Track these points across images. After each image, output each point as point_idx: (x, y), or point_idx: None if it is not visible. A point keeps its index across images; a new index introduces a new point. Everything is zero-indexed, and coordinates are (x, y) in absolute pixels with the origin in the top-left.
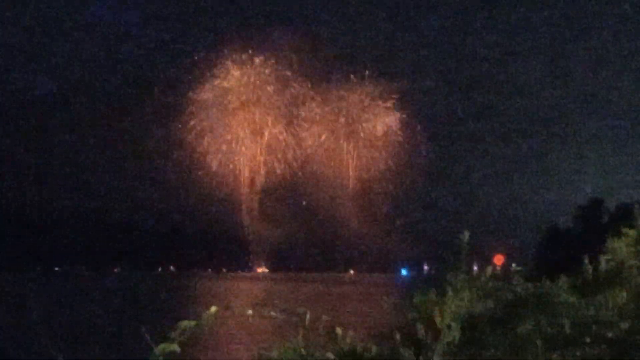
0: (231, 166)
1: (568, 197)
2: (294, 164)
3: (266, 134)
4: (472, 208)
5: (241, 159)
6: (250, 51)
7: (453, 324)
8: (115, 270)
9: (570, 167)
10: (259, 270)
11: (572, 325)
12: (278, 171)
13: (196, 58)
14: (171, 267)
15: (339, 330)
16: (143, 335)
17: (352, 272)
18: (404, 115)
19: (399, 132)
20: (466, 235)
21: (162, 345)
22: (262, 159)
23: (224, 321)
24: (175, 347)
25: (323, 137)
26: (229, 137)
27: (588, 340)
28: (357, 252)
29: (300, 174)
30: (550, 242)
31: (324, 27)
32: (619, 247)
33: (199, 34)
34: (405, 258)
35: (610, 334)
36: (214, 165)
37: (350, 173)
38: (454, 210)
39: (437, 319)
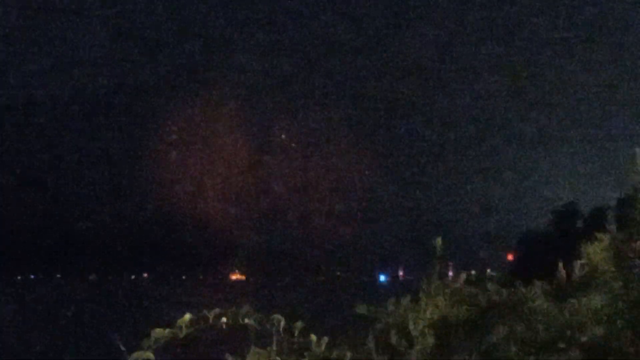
0: (203, 184)
1: (542, 201)
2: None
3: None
4: (447, 214)
5: (213, 179)
6: (218, 79)
7: (427, 330)
8: (91, 277)
9: (544, 171)
10: (234, 277)
11: (546, 330)
12: (250, 189)
13: (164, 85)
14: (144, 275)
15: (313, 336)
16: (117, 343)
17: (326, 277)
18: (374, 137)
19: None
20: (439, 241)
21: (135, 353)
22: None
23: (197, 329)
24: (150, 355)
25: (293, 161)
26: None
27: (562, 345)
28: (333, 259)
29: (274, 188)
30: (525, 247)
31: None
32: (593, 251)
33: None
34: (381, 264)
35: (584, 339)
36: (187, 183)
37: (324, 186)
38: (429, 217)
39: (411, 325)
